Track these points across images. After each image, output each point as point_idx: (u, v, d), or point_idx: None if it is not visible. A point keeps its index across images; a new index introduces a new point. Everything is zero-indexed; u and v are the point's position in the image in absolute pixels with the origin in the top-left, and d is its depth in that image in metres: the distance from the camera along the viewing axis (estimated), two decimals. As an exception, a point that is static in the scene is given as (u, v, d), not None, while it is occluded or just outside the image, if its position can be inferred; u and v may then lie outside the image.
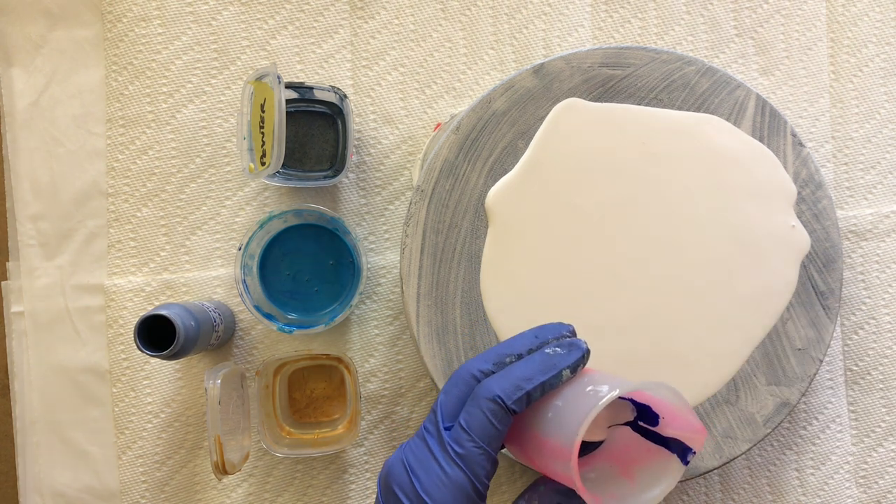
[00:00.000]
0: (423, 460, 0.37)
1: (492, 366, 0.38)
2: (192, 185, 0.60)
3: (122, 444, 0.59)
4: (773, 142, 0.54)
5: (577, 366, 0.38)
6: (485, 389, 0.37)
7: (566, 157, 0.53)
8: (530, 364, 0.38)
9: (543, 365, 0.37)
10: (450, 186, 0.53)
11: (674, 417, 0.38)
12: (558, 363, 0.38)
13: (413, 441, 0.38)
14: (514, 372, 0.37)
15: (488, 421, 0.36)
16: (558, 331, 0.40)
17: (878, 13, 0.62)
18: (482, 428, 0.36)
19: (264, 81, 0.52)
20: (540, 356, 0.38)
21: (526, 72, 0.53)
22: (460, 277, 0.53)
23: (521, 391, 0.37)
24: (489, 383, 0.37)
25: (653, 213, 0.53)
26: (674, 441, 0.38)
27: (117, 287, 0.59)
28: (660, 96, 0.54)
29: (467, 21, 0.61)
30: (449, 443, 0.37)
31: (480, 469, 0.36)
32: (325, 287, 0.58)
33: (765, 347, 0.54)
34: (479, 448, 0.36)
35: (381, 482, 0.38)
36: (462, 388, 0.38)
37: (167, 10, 0.60)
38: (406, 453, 0.38)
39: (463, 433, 0.37)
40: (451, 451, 0.36)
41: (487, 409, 0.36)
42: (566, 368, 0.38)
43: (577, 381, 0.38)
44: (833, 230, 0.55)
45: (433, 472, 0.36)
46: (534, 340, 0.40)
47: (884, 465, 0.60)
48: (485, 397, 0.37)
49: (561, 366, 0.37)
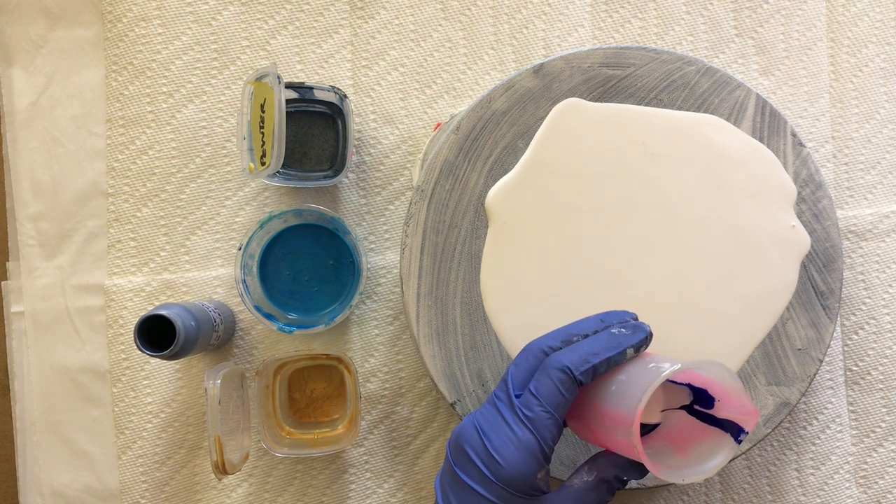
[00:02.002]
0: (494, 423, 0.40)
1: (560, 343, 0.41)
2: (192, 185, 0.60)
3: (122, 444, 0.59)
4: (773, 142, 0.54)
5: (641, 346, 0.41)
6: (554, 360, 0.40)
7: (566, 157, 0.53)
8: (597, 341, 0.40)
9: (609, 342, 0.40)
10: (450, 186, 0.53)
11: (728, 400, 0.40)
12: (623, 342, 0.40)
13: (484, 407, 0.41)
14: (583, 347, 0.40)
15: (557, 389, 0.39)
16: (622, 316, 0.43)
17: (878, 13, 0.62)
18: (551, 395, 0.39)
19: (264, 81, 0.52)
20: (606, 335, 0.41)
21: (526, 72, 0.53)
22: (460, 277, 0.53)
23: (588, 364, 0.39)
24: (558, 356, 0.40)
25: (653, 214, 0.53)
26: (727, 422, 0.40)
27: (117, 287, 0.59)
28: (660, 96, 0.54)
29: (467, 21, 0.61)
30: (519, 407, 0.39)
31: (547, 432, 0.39)
32: (325, 287, 0.58)
33: (765, 347, 0.54)
34: (548, 413, 0.39)
35: (452, 444, 0.41)
36: (532, 361, 0.41)
37: (167, 10, 0.60)
38: (477, 417, 0.41)
39: (533, 398, 0.39)
40: (522, 414, 0.39)
41: (556, 378, 0.39)
42: (630, 347, 0.40)
43: (640, 359, 0.41)
44: (833, 230, 0.55)
45: (504, 434, 0.39)
46: (599, 323, 0.43)
47: (884, 465, 0.60)
48: (554, 367, 0.39)
49: (625, 344, 0.40)
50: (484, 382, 0.53)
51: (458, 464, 0.40)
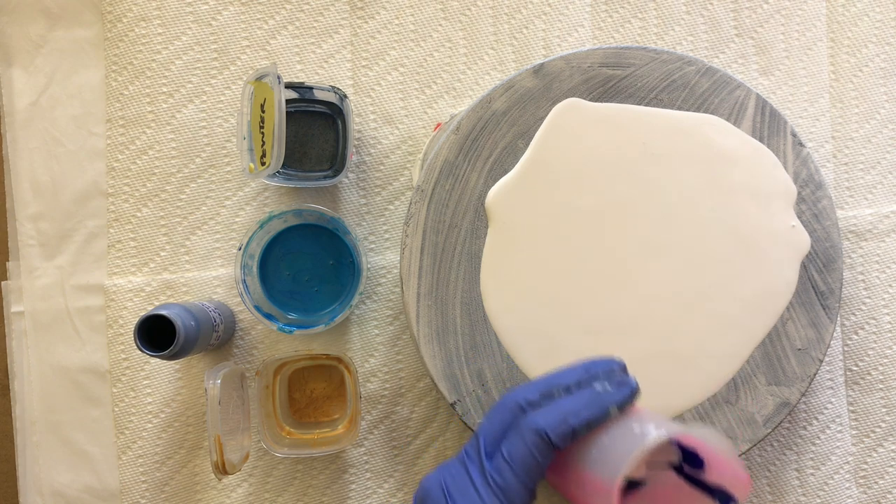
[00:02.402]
0: (461, 485, 0.37)
1: (539, 396, 0.38)
2: (192, 185, 0.60)
3: (122, 444, 0.59)
4: (773, 142, 0.54)
5: (626, 403, 0.38)
6: (530, 421, 0.37)
7: (566, 157, 0.53)
8: (578, 399, 0.37)
9: (591, 401, 0.37)
10: (450, 186, 0.53)
11: (719, 464, 0.38)
12: (606, 400, 0.37)
13: (453, 464, 0.38)
14: (562, 406, 0.37)
15: (531, 454, 0.36)
16: (608, 366, 0.40)
17: (878, 13, 0.62)
18: (524, 460, 0.36)
19: (264, 81, 0.52)
20: (589, 392, 0.38)
21: (526, 72, 0.53)
22: (460, 277, 0.53)
23: (567, 426, 0.36)
24: (535, 416, 0.37)
25: (652, 214, 0.53)
26: (717, 488, 0.38)
27: (117, 287, 0.59)
28: (660, 96, 0.54)
29: (467, 21, 0.61)
30: (490, 472, 0.37)
31: (518, 500, 0.36)
32: (325, 287, 0.58)
33: (765, 347, 0.54)
34: (520, 480, 0.36)
35: (417, 501, 0.38)
36: (506, 416, 0.38)
37: (167, 10, 0.60)
38: (444, 475, 0.38)
39: (504, 464, 0.36)
40: (492, 480, 0.36)
41: (531, 442, 0.36)
42: (614, 405, 0.37)
43: (624, 418, 0.37)
44: (833, 230, 0.55)
45: (470, 499, 0.36)
46: (583, 374, 0.39)
47: (884, 465, 0.60)
48: (529, 429, 0.36)
49: (609, 403, 0.37)
50: (484, 382, 0.53)
51: None
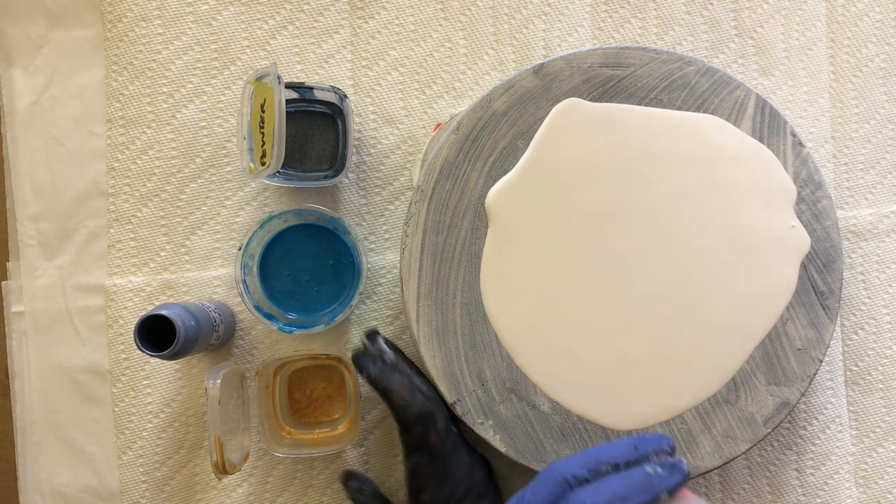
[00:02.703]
0: None
1: (586, 472, 0.36)
2: (192, 185, 0.60)
3: (122, 444, 0.59)
4: (773, 142, 0.54)
5: (676, 489, 0.36)
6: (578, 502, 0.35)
7: (566, 157, 0.53)
8: (629, 482, 0.35)
9: (642, 485, 0.35)
10: (450, 186, 0.53)
11: None
12: (657, 485, 0.36)
13: None
14: (610, 487, 0.35)
15: None
16: (659, 444, 0.39)
17: (878, 13, 0.62)
18: None
19: (264, 81, 0.52)
20: (640, 474, 0.36)
21: (526, 72, 0.53)
22: (460, 277, 0.53)
23: None
24: (583, 496, 0.35)
25: (652, 214, 0.53)
26: None
27: (117, 287, 0.59)
28: (660, 96, 0.54)
29: (467, 21, 0.61)
30: None
31: None
32: (325, 287, 0.58)
33: (765, 347, 0.54)
34: None
35: None
36: (553, 490, 0.36)
37: (167, 10, 0.60)
38: None
39: None
40: None
41: None
42: (665, 492, 0.36)
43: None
44: (833, 230, 0.55)
45: None
46: (633, 451, 0.38)
47: (884, 466, 0.60)
48: None
49: (660, 488, 0.36)
50: (484, 382, 0.53)
51: None
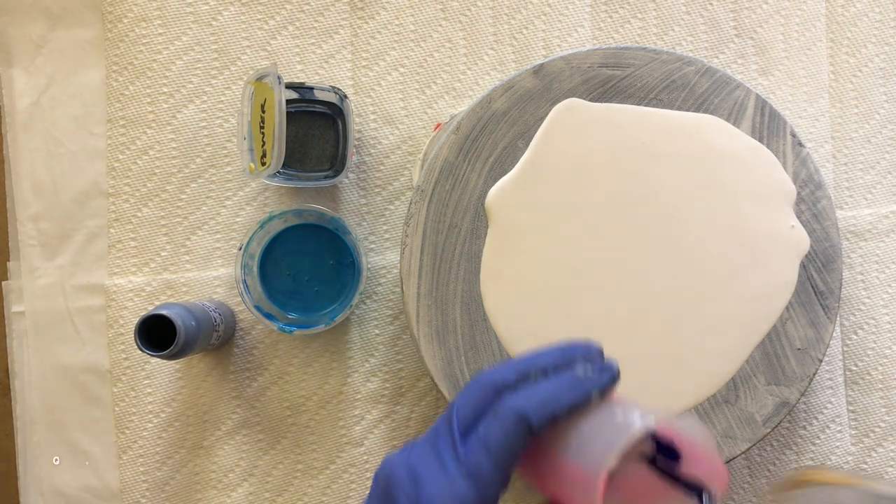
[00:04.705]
0: (431, 470, 0.34)
1: (515, 377, 0.36)
2: (192, 185, 0.60)
3: (123, 444, 0.59)
4: (773, 142, 0.54)
5: (607, 389, 0.36)
6: (508, 404, 0.34)
7: (566, 157, 0.53)
8: (559, 383, 0.35)
9: (572, 385, 0.35)
10: (450, 186, 0.53)
11: (696, 457, 0.36)
12: (588, 385, 0.35)
13: (422, 446, 0.36)
14: (542, 389, 0.35)
15: (509, 438, 0.34)
16: (587, 350, 0.38)
17: (877, 13, 0.62)
18: (501, 445, 0.34)
19: (265, 82, 0.52)
20: (569, 375, 0.35)
21: (526, 72, 0.54)
22: (460, 277, 0.53)
23: (548, 411, 0.34)
24: (514, 398, 0.34)
25: (652, 214, 0.53)
26: (692, 482, 0.36)
27: (118, 287, 0.59)
28: (660, 96, 0.54)
29: (467, 21, 0.62)
30: (463, 454, 0.34)
31: (492, 489, 0.34)
32: (326, 287, 0.58)
33: (764, 347, 0.54)
34: (495, 465, 0.34)
35: (381, 484, 0.35)
36: (481, 396, 0.35)
37: (168, 10, 0.60)
38: (412, 458, 0.35)
39: (480, 448, 0.34)
40: (465, 465, 0.34)
41: (510, 426, 0.34)
42: (596, 391, 0.35)
43: (605, 406, 0.36)
44: (832, 230, 0.55)
45: (441, 485, 0.34)
46: (560, 357, 0.37)
47: (883, 465, 0.60)
48: (509, 412, 0.34)
49: (590, 388, 0.35)
50: (484, 382, 0.53)
51: None
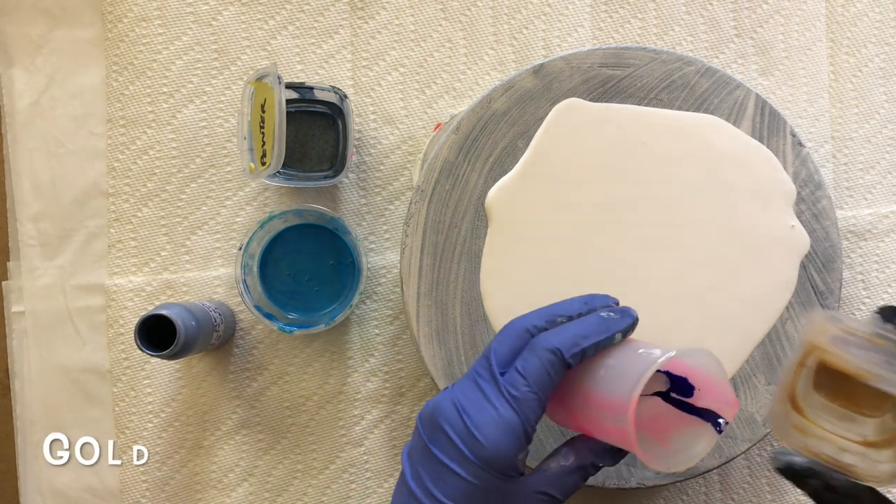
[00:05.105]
0: (474, 400, 0.38)
1: (545, 322, 0.40)
2: (192, 185, 0.60)
3: (123, 444, 0.59)
4: (773, 142, 0.55)
5: (628, 331, 0.40)
6: (544, 341, 0.39)
7: (566, 157, 0.53)
8: (586, 324, 0.40)
9: (598, 326, 0.39)
10: (450, 186, 0.53)
11: (709, 389, 0.40)
12: (611, 326, 0.40)
13: (463, 383, 0.39)
14: (571, 329, 0.39)
15: (545, 369, 0.38)
16: (605, 301, 0.43)
17: (877, 13, 0.62)
18: (538, 375, 0.38)
19: (265, 81, 0.52)
20: (595, 318, 0.40)
21: (526, 72, 0.54)
22: (460, 277, 0.53)
23: (578, 347, 0.38)
24: (547, 336, 0.39)
25: (652, 214, 0.53)
26: (706, 411, 0.40)
27: (118, 287, 0.59)
28: (660, 96, 0.54)
29: (467, 21, 0.62)
30: (505, 386, 0.38)
31: (532, 413, 0.38)
32: (326, 287, 0.58)
33: (764, 347, 0.54)
34: (534, 393, 0.38)
35: (426, 420, 0.39)
36: (515, 340, 0.40)
37: (168, 10, 0.60)
38: (456, 394, 0.39)
39: (519, 378, 0.38)
40: (507, 393, 0.38)
41: (545, 359, 0.38)
42: (619, 332, 0.40)
43: (627, 344, 0.40)
44: (832, 230, 0.55)
45: (486, 412, 0.38)
46: (583, 306, 0.42)
47: (883, 465, 0.60)
48: (544, 348, 0.38)
49: (614, 329, 0.40)
50: (484, 382, 0.53)
51: (434, 441, 0.38)
